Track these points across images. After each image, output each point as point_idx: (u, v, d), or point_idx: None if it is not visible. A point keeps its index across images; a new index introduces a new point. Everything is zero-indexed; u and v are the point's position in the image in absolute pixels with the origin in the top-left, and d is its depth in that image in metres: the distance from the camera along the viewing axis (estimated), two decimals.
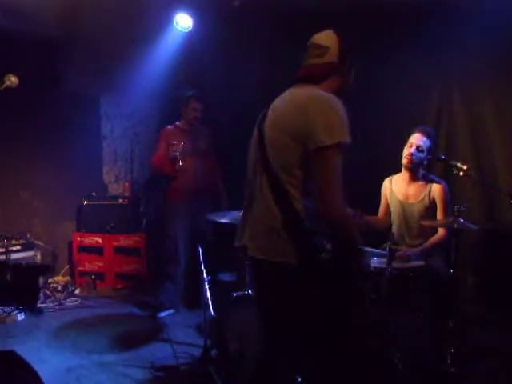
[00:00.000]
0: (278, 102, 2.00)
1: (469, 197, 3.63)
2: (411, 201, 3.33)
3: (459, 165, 3.11)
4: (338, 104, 1.81)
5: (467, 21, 3.52)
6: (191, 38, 4.80)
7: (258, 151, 1.96)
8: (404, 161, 3.28)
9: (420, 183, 3.32)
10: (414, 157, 3.23)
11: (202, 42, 4.77)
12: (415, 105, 3.98)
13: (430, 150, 3.24)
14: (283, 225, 1.79)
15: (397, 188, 3.42)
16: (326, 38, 1.99)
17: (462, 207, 2.85)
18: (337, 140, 1.73)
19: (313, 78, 1.96)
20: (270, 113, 1.99)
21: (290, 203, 1.79)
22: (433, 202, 3.26)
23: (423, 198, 3.29)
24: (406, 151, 3.27)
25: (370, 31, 4.00)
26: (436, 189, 3.26)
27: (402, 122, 4.02)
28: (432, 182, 3.30)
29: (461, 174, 3.09)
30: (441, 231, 3.26)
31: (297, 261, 1.75)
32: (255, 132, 2.05)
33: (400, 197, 3.38)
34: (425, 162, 3.27)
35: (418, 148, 3.24)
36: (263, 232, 1.86)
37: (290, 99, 1.94)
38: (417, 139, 3.24)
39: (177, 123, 4.32)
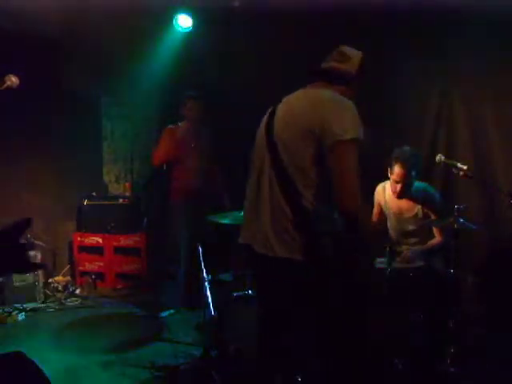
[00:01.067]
0: (292, 100, 2.00)
1: (469, 197, 3.63)
2: (406, 214, 3.34)
3: (459, 165, 3.11)
4: (352, 105, 1.85)
5: (467, 21, 3.52)
6: (191, 38, 4.80)
7: (266, 150, 1.95)
8: (394, 195, 3.26)
9: (412, 197, 3.30)
10: (400, 188, 3.18)
11: (202, 42, 4.77)
12: (415, 105, 3.97)
13: (415, 168, 3.18)
14: (294, 224, 1.82)
15: (390, 199, 3.40)
16: (351, 50, 2.09)
17: (462, 207, 2.85)
18: (352, 136, 1.76)
19: (328, 77, 2.00)
20: (280, 111, 1.99)
21: (301, 204, 1.81)
22: (426, 214, 3.27)
23: (417, 213, 3.29)
24: (392, 186, 3.23)
25: (369, 31, 4.00)
26: (425, 201, 3.25)
27: (402, 122, 4.03)
28: (423, 194, 3.27)
29: (461, 173, 3.08)
30: (437, 237, 3.28)
31: (305, 258, 1.79)
32: (262, 130, 2.04)
33: (394, 209, 3.38)
34: (413, 177, 3.21)
35: (400, 181, 3.17)
36: (273, 231, 1.88)
37: (304, 97, 1.95)
38: (399, 175, 3.16)
39: (178, 123, 4.33)
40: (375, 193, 3.54)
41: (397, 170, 3.16)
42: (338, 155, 1.75)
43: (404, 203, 3.33)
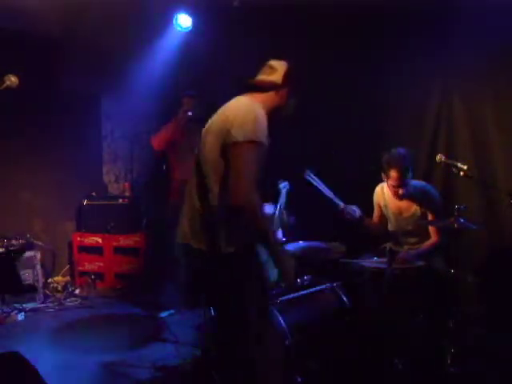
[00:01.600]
0: (221, 108, 2.23)
1: (469, 197, 3.62)
2: (405, 214, 3.35)
3: (459, 165, 3.11)
4: (258, 111, 2.06)
5: (467, 21, 3.52)
6: (191, 38, 4.80)
7: (197, 154, 2.20)
8: (395, 197, 3.28)
9: (412, 196, 3.30)
10: (399, 188, 3.19)
11: (202, 41, 4.77)
12: (415, 105, 3.97)
13: (408, 169, 3.18)
14: (204, 216, 2.05)
15: (389, 200, 3.42)
16: (278, 63, 2.30)
17: (462, 207, 2.85)
18: (249, 139, 1.96)
19: (256, 87, 2.25)
20: (212, 118, 2.23)
21: (209, 198, 2.04)
22: (424, 213, 3.27)
23: (415, 212, 3.30)
24: (392, 190, 3.24)
25: (369, 31, 4.00)
26: (423, 200, 3.26)
27: (402, 122, 4.03)
28: (422, 192, 3.28)
29: (461, 173, 3.08)
30: (433, 237, 3.27)
31: (213, 248, 2.01)
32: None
33: (394, 209, 3.40)
34: (408, 176, 3.21)
35: (398, 181, 3.18)
36: (188, 223, 2.12)
37: (227, 105, 2.20)
38: (395, 180, 3.17)
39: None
40: (374, 194, 3.54)
41: (393, 174, 3.16)
42: (235, 155, 1.96)
43: (403, 203, 3.33)
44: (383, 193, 3.46)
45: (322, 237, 3.54)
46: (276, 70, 2.27)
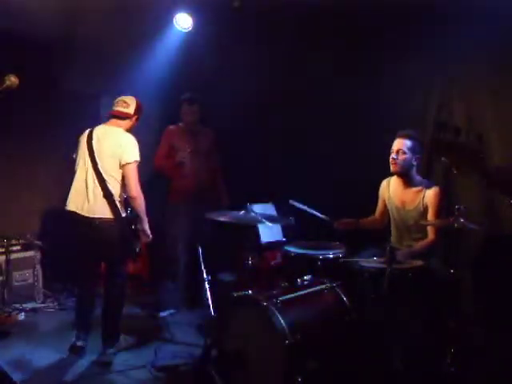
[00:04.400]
0: (101, 129, 3.38)
1: (469, 197, 3.62)
2: (407, 207, 3.35)
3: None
4: (133, 139, 3.32)
5: (467, 21, 3.51)
6: (191, 38, 4.80)
7: (88, 156, 3.30)
8: (391, 168, 3.33)
9: (416, 189, 3.33)
10: (396, 161, 3.27)
11: (202, 42, 4.77)
12: (415, 105, 3.97)
13: (413, 149, 3.26)
14: (106, 201, 3.24)
15: (394, 193, 3.44)
16: (130, 99, 3.42)
17: (462, 207, 2.85)
18: (134, 159, 3.26)
19: (119, 117, 3.38)
20: (95, 136, 3.34)
21: (110, 190, 3.24)
22: (426, 209, 3.27)
23: (418, 205, 3.30)
24: (390, 159, 3.31)
25: (369, 31, 4.00)
26: (429, 194, 3.27)
27: (402, 122, 4.02)
28: (427, 187, 3.30)
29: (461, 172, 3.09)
30: (430, 235, 3.27)
31: (113, 217, 3.25)
32: (83, 144, 3.38)
33: (397, 202, 3.40)
34: (413, 163, 3.28)
35: (398, 152, 3.27)
36: (96, 203, 3.24)
37: (109, 131, 3.36)
38: (396, 145, 3.29)
39: (179, 124, 4.33)
40: (380, 188, 3.58)
41: (395, 143, 3.29)
42: (127, 170, 3.25)
43: (407, 195, 3.35)
44: (388, 186, 3.50)
45: (322, 237, 3.56)
46: (129, 105, 3.37)
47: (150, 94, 5.43)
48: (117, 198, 3.26)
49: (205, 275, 3.24)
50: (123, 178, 3.26)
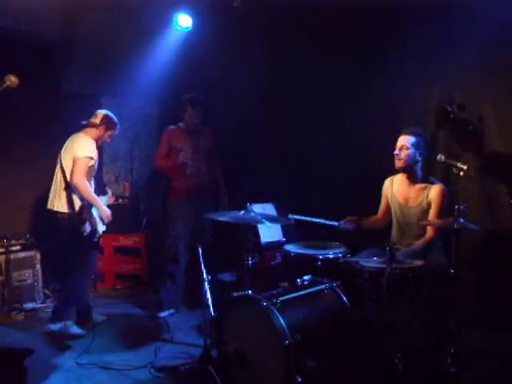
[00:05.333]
0: (73, 135, 3.83)
1: (469, 197, 3.62)
2: (410, 204, 3.36)
3: (459, 165, 3.12)
4: (89, 140, 3.75)
5: (467, 21, 3.52)
6: (191, 38, 4.80)
7: (58, 157, 3.79)
8: (395, 164, 3.34)
9: (419, 186, 3.33)
10: (400, 157, 3.29)
11: (202, 42, 4.77)
12: (415, 105, 3.97)
13: (417, 145, 3.27)
14: (63, 194, 3.70)
15: (397, 190, 3.44)
16: (100, 112, 3.90)
17: (462, 207, 2.85)
18: (84, 155, 3.63)
19: (88, 126, 3.84)
20: (68, 140, 3.82)
21: (67, 183, 3.66)
22: (429, 206, 3.27)
23: (421, 202, 3.30)
24: (394, 155, 3.33)
25: (370, 31, 4.00)
26: (433, 191, 3.27)
27: (403, 122, 4.02)
28: (432, 184, 3.30)
29: (461, 173, 3.09)
30: (429, 232, 3.26)
31: (67, 211, 3.68)
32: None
33: (400, 199, 3.41)
34: (418, 158, 3.29)
35: (401, 148, 3.28)
36: (56, 197, 3.75)
37: (76, 136, 3.81)
38: (400, 141, 3.31)
39: (179, 124, 4.33)
40: (383, 187, 3.59)
41: (399, 139, 3.31)
42: (76, 162, 3.62)
43: (411, 192, 3.36)
44: (392, 184, 3.51)
45: (322, 237, 3.56)
46: (97, 117, 3.84)
47: (150, 94, 5.45)
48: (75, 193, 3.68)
49: (205, 275, 3.23)
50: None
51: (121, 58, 4.87)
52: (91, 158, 3.66)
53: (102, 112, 3.92)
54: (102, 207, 3.74)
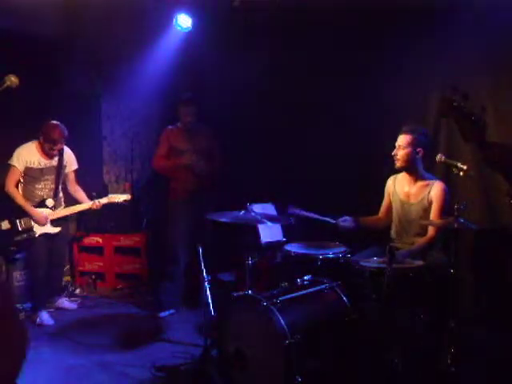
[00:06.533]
0: None
1: (469, 197, 3.62)
2: (412, 201, 3.36)
3: (459, 165, 3.12)
4: (25, 147, 4.09)
5: (467, 21, 3.52)
6: (191, 38, 4.80)
7: None
8: (397, 164, 3.35)
9: (422, 183, 3.34)
10: (397, 156, 3.30)
11: (202, 42, 4.77)
12: (415, 105, 3.97)
13: (413, 143, 3.26)
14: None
15: (399, 187, 3.45)
16: (49, 122, 4.03)
17: (462, 207, 2.85)
18: (9, 162, 4.00)
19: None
20: None
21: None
22: (431, 203, 3.27)
23: (422, 199, 3.30)
24: (396, 159, 3.33)
25: (370, 31, 4.00)
26: (435, 189, 3.27)
27: (403, 122, 4.02)
28: (434, 182, 3.30)
29: (461, 174, 3.09)
30: (430, 231, 3.26)
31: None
32: None
33: (402, 196, 3.41)
34: (417, 156, 3.27)
35: (399, 147, 3.29)
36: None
37: None
38: (397, 141, 3.32)
39: (178, 124, 4.33)
40: (386, 185, 3.59)
41: (399, 138, 3.30)
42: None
43: (413, 189, 3.36)
44: (394, 182, 3.51)
45: (322, 237, 3.56)
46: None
47: (150, 93, 5.45)
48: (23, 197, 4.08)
49: (205, 275, 3.23)
50: (24, 177, 4.08)
51: (121, 57, 4.88)
52: (14, 167, 4.01)
53: (50, 122, 4.04)
54: (31, 211, 4.06)
